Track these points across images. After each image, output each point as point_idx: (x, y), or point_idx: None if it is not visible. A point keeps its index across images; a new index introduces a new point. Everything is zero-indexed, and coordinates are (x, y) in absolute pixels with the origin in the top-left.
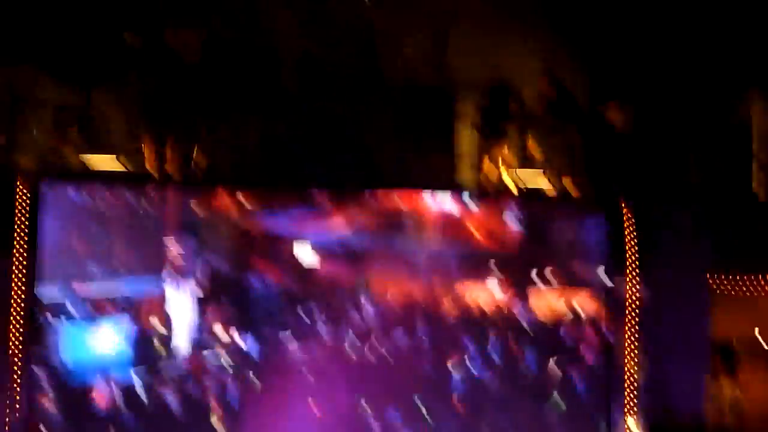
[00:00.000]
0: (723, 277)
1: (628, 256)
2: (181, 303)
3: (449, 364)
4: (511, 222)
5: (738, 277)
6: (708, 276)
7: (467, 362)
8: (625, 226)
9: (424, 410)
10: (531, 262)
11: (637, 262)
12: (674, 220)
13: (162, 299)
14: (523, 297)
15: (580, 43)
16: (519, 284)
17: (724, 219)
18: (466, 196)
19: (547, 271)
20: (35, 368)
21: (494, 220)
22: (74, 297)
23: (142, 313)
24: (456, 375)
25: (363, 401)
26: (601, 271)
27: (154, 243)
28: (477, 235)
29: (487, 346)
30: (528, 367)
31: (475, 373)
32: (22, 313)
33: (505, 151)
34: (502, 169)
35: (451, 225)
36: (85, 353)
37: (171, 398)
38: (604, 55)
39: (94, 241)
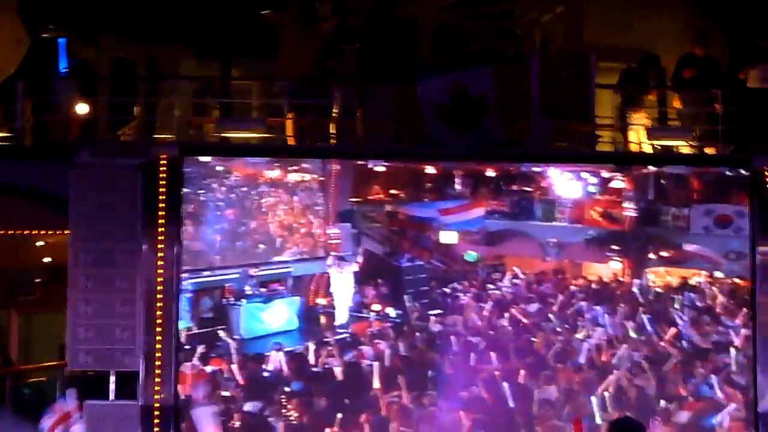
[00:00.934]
0: None
1: None
2: (343, 282)
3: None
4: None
5: None
6: None
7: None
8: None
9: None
10: (655, 239)
11: None
12: None
13: (327, 280)
14: (642, 272)
15: (719, 7)
16: (642, 260)
17: None
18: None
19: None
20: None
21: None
22: (250, 279)
23: (310, 292)
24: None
25: (502, 367)
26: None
27: (314, 227)
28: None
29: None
30: (674, 335)
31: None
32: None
33: (646, 117)
34: (643, 134)
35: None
36: (262, 328)
37: (335, 363)
38: (743, 20)
39: (264, 228)
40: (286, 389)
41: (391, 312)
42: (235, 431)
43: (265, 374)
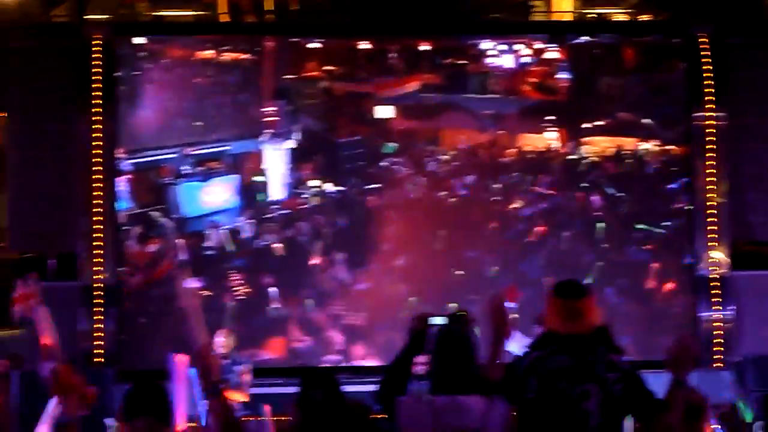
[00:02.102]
0: None
1: (705, 87)
2: (277, 159)
3: (518, 204)
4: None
5: None
6: None
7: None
8: (704, 56)
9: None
10: (591, 109)
11: (715, 94)
12: (752, 54)
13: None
14: (579, 141)
15: None
16: (578, 130)
17: None
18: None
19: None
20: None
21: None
22: (187, 159)
23: (247, 169)
24: (528, 212)
25: (443, 237)
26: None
27: (250, 106)
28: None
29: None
30: (610, 202)
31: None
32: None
33: None
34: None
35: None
36: (201, 206)
37: (272, 238)
38: None
39: (199, 108)
40: (228, 266)
41: (330, 187)
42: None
43: (207, 252)
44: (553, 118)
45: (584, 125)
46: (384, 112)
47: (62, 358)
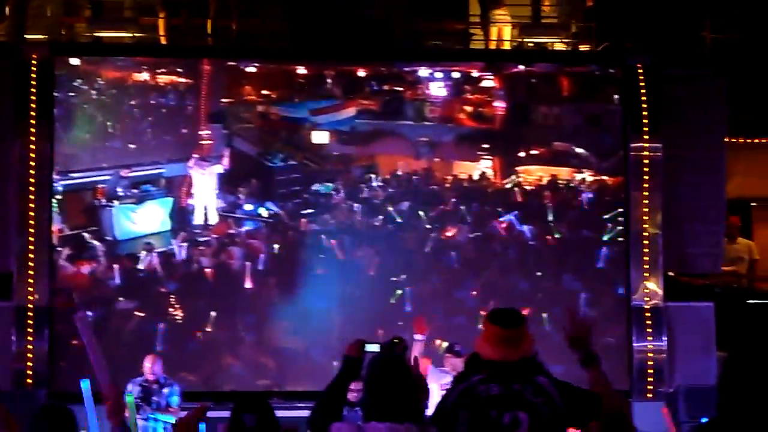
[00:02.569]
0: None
1: (642, 117)
2: (205, 183)
3: (452, 232)
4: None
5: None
6: (723, 138)
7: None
8: (642, 87)
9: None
10: (526, 138)
11: (651, 125)
12: (690, 85)
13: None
14: (513, 170)
15: None
16: (513, 159)
17: (739, 83)
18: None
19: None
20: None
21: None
22: (122, 181)
23: (182, 193)
24: (461, 241)
25: (377, 264)
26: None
27: (185, 129)
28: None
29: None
30: (545, 232)
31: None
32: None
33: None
34: (515, 33)
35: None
36: (135, 229)
37: (206, 261)
38: None
39: (135, 130)
40: (161, 289)
41: (263, 212)
42: (113, 331)
43: (140, 274)
44: (488, 146)
45: (520, 154)
46: (320, 137)
47: None
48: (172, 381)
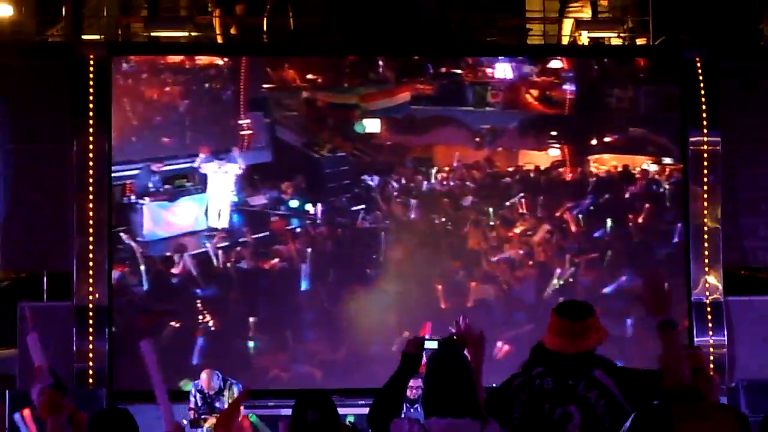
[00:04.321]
0: None
1: (703, 110)
2: (225, 182)
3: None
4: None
5: None
6: None
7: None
8: (700, 80)
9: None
10: (597, 124)
11: (709, 118)
12: (746, 76)
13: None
14: (584, 159)
15: None
16: (583, 147)
17: None
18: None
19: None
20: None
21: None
22: (153, 176)
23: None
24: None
25: (428, 262)
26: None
27: (226, 120)
28: (539, 100)
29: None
30: (606, 227)
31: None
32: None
33: (577, 7)
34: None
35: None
36: (168, 229)
37: (247, 265)
38: None
39: (169, 120)
40: (198, 293)
41: (311, 208)
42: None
43: (173, 280)
44: (556, 133)
45: (592, 141)
46: (371, 125)
47: (51, 381)
48: (231, 381)
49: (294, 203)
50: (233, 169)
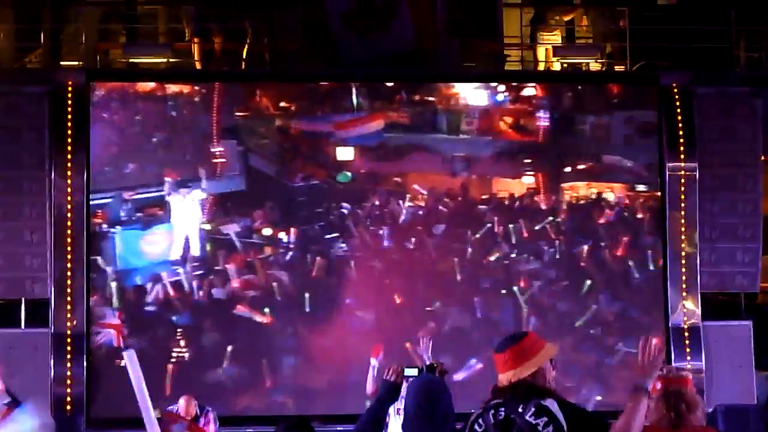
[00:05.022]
0: None
1: (680, 135)
2: (191, 209)
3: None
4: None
5: None
6: (759, 156)
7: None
8: (677, 106)
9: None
10: (572, 151)
11: (686, 144)
12: (724, 102)
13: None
14: (558, 187)
15: None
16: (557, 174)
17: None
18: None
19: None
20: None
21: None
22: (125, 204)
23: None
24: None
25: (401, 292)
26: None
27: (199, 148)
28: (513, 128)
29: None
30: (581, 254)
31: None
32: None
33: (554, 34)
34: (550, 53)
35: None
36: (141, 257)
37: (220, 294)
38: None
39: (141, 148)
40: (173, 320)
41: (284, 236)
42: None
43: (148, 308)
44: (531, 160)
45: (566, 169)
46: (345, 153)
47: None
48: (207, 408)
49: (267, 231)
50: (198, 195)
